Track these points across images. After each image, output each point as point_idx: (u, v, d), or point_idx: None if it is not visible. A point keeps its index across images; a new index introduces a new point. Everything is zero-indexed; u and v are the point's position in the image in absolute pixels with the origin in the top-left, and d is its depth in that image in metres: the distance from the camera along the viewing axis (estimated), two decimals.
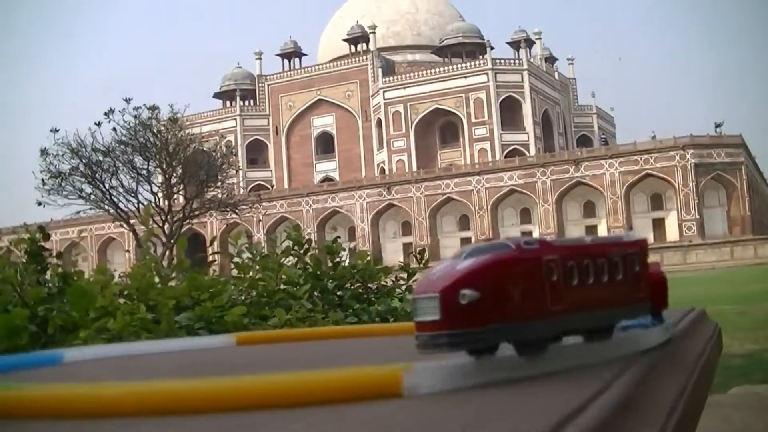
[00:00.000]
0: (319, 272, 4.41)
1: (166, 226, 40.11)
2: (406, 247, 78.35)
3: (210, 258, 5.31)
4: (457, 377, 0.74)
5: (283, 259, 4.54)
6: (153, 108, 40.92)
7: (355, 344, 1.43)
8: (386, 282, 4.71)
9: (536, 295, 0.81)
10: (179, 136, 42.20)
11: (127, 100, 39.57)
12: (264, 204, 78.37)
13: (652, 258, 0.98)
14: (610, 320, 0.91)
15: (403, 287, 4.71)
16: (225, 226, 68.58)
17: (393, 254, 72.45)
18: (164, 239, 37.27)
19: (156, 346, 1.46)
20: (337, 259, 4.62)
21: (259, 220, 79.33)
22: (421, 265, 4.88)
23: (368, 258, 4.63)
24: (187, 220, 42.89)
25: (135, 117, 39.99)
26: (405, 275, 4.76)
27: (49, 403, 0.73)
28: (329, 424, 0.65)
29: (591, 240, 0.92)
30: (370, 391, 0.70)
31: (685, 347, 1.10)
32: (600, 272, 0.88)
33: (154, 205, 41.10)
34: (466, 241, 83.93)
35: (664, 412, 0.75)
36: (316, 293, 4.28)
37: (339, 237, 4.93)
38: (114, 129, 39.87)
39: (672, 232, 77.14)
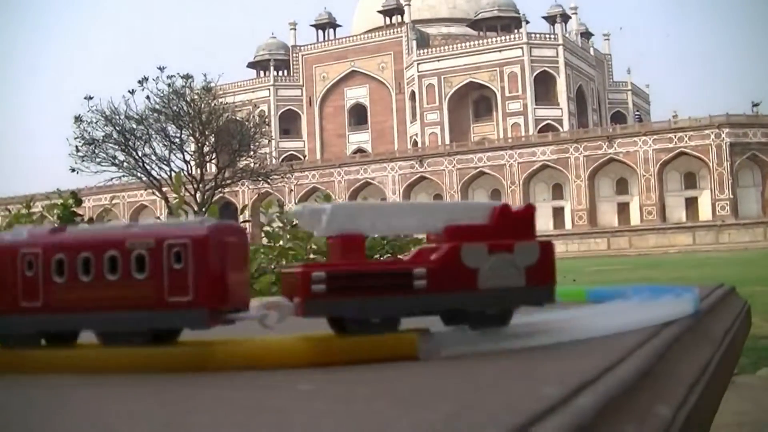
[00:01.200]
0: None
1: (198, 195, 40.22)
2: None
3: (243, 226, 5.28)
4: (474, 343, 0.75)
5: None
6: (187, 77, 40.92)
7: None
8: None
9: (7, 290, 0.76)
10: (212, 105, 42.22)
11: (161, 69, 39.66)
12: (296, 174, 78.40)
13: (685, 238, 0.96)
14: (115, 324, 0.78)
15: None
16: (257, 195, 68.76)
17: None
18: (196, 207, 37.38)
19: None
20: None
21: (291, 190, 79.40)
22: None
23: None
24: (219, 189, 42.95)
25: (169, 85, 40.05)
26: None
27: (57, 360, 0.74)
28: (341, 384, 0.66)
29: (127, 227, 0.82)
30: (387, 354, 0.72)
31: (712, 322, 1.09)
32: (108, 269, 0.78)
33: (186, 173, 41.22)
34: None
35: (685, 385, 0.75)
36: None
37: None
38: (147, 97, 39.97)
39: (705, 212, 76.48)
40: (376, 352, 0.72)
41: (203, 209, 35.95)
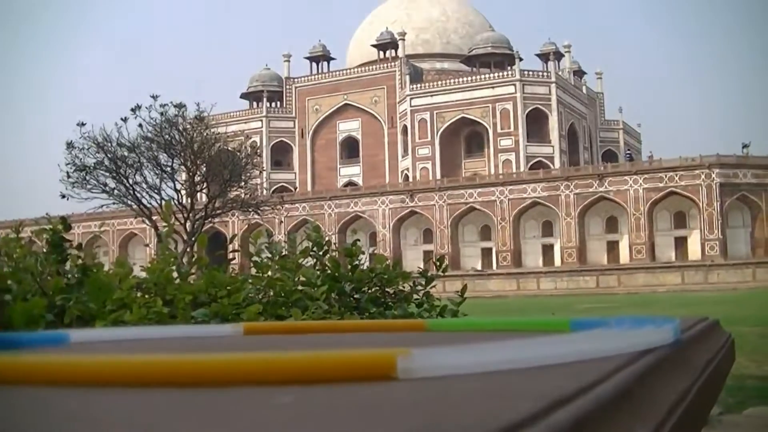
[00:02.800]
0: (337, 274, 4.42)
1: (188, 224, 40.26)
2: (427, 254, 78.07)
3: (230, 256, 5.31)
4: (453, 363, 0.76)
5: (302, 259, 4.55)
6: (179, 105, 41.07)
7: (364, 337, 1.43)
8: (404, 287, 4.71)
9: None
10: (205, 134, 42.32)
11: (154, 97, 39.78)
12: (286, 206, 78.44)
13: (674, 277, 1.01)
14: None
15: (421, 293, 4.71)
16: (246, 226, 68.76)
17: (413, 261, 72.26)
18: (185, 237, 37.40)
19: (163, 331, 1.47)
20: (356, 262, 4.62)
21: (281, 222, 79.46)
22: (440, 272, 4.88)
23: (387, 262, 4.63)
24: (209, 219, 42.99)
25: (161, 114, 40.16)
26: (423, 281, 4.76)
27: (47, 370, 0.76)
28: (320, 398, 0.67)
29: None
30: (366, 373, 0.72)
31: (694, 352, 1.10)
32: None
33: (176, 202, 41.24)
34: (486, 251, 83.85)
35: (664, 409, 0.75)
36: (333, 295, 4.29)
37: (359, 240, 4.93)
38: (140, 125, 40.08)
39: (694, 251, 76.68)
40: (354, 370, 0.73)
41: (192, 238, 35.98)
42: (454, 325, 1.50)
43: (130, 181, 40.67)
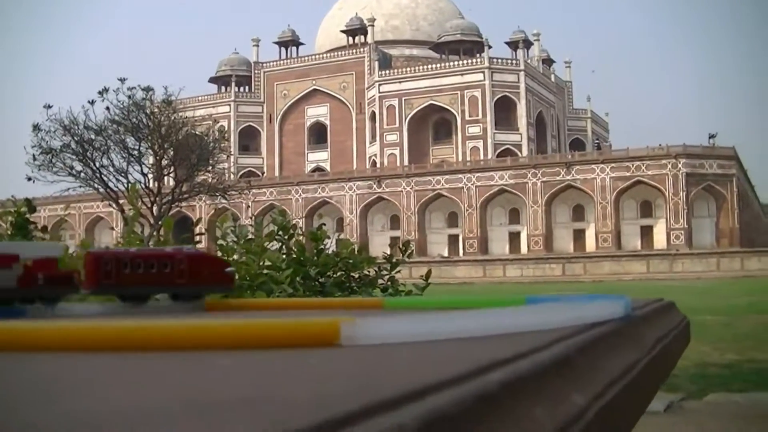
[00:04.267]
0: (302, 258, 4.42)
1: (155, 208, 40.01)
2: (394, 240, 77.98)
3: (196, 239, 5.29)
4: (395, 331, 0.77)
5: (268, 243, 4.54)
6: (147, 89, 40.79)
7: (321, 312, 1.44)
8: (369, 272, 4.72)
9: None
10: (172, 118, 42.05)
11: (122, 80, 39.46)
12: (254, 191, 78.39)
13: (639, 266, 1.04)
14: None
15: (386, 278, 4.72)
16: (213, 210, 68.43)
17: (380, 247, 72.07)
18: (152, 221, 37.20)
19: (125, 309, 1.47)
20: (322, 247, 4.62)
21: (248, 207, 79.28)
22: (405, 258, 4.89)
23: (352, 247, 4.64)
24: (176, 203, 42.79)
25: (129, 97, 39.85)
26: (388, 266, 4.76)
27: (11, 337, 0.78)
28: (259, 361, 0.68)
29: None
30: (310, 340, 0.74)
31: (644, 329, 1.11)
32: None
33: (143, 186, 41.01)
34: (453, 238, 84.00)
35: (603, 382, 0.75)
36: (298, 279, 4.29)
37: (324, 224, 4.93)
38: (107, 108, 39.75)
39: (660, 241, 77.17)
40: (298, 337, 0.74)
41: (159, 222, 35.79)
42: (412, 303, 1.52)
43: (97, 164, 40.34)
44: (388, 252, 5.06)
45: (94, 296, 1.48)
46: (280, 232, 4.63)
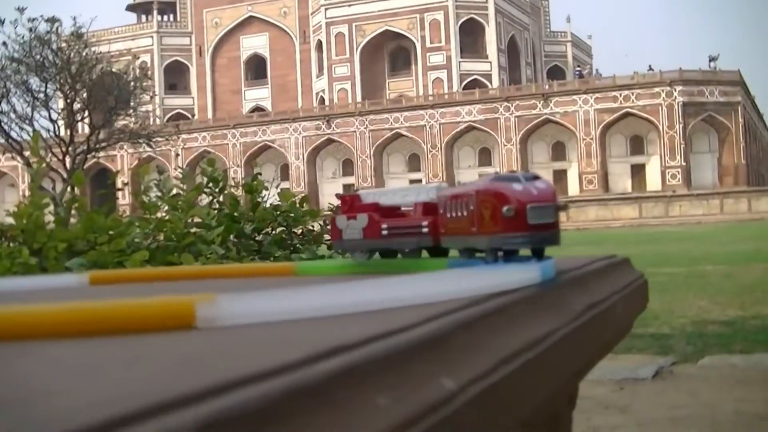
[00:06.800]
0: (235, 214, 4.42)
1: (68, 160, 39.71)
2: (348, 188, 77.80)
3: (118, 195, 5.27)
4: (259, 310, 0.78)
5: (196, 198, 4.53)
6: (52, 20, 40.19)
7: (216, 283, 1.47)
8: (313, 227, 4.74)
9: None
10: (84, 54, 41.54)
11: (21, 10, 38.84)
12: (183, 136, 77.86)
13: (630, 210, 1.09)
14: None
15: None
16: (138, 160, 68.08)
17: (331, 197, 71.61)
18: (65, 174, 36.92)
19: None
20: (259, 200, 4.61)
21: (178, 155, 78.82)
22: None
23: (294, 199, 4.64)
24: (93, 153, 42.48)
25: (30, 30, 39.31)
26: None
27: None
28: (95, 350, 0.68)
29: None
30: (162, 322, 0.74)
31: (568, 296, 1.12)
32: None
33: (53, 134, 40.62)
34: (415, 183, 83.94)
35: (488, 363, 0.75)
36: (231, 238, 4.30)
37: (260, 174, 4.93)
38: (4, 43, 39.23)
39: (653, 181, 77.51)
40: (148, 319, 0.74)
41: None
42: (326, 269, 1.55)
43: None
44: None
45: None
46: (210, 185, 4.63)
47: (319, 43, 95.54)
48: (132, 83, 44.13)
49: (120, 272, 1.63)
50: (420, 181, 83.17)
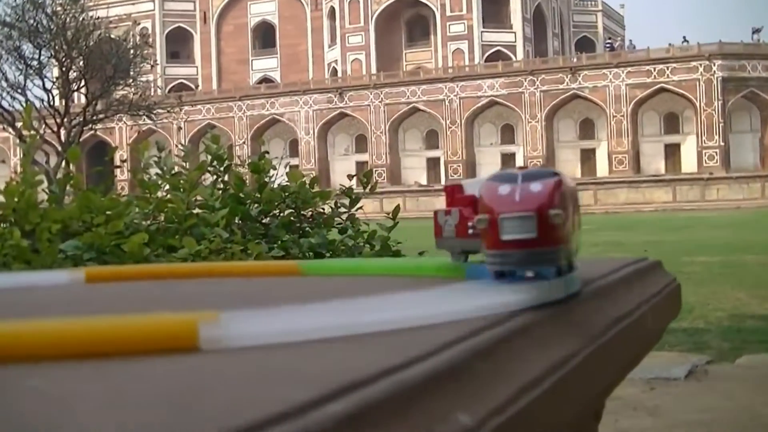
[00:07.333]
0: (241, 194, 4.41)
1: (63, 132, 39.73)
2: (361, 166, 77.76)
3: (116, 172, 5.26)
4: (266, 330, 0.77)
5: (200, 177, 4.51)
6: None
7: (215, 284, 1.46)
8: (324, 209, 4.72)
9: (571, 219, 1.02)
10: (81, 19, 41.51)
11: None
12: (186, 108, 77.74)
13: (663, 193, 1.06)
14: None
15: (344, 216, 4.70)
16: (137, 133, 67.99)
17: (343, 175, 72.05)
18: (60, 148, 36.99)
19: None
20: (266, 179, 4.60)
21: (180, 128, 78.90)
22: (367, 190, 4.88)
23: (303, 179, 4.62)
24: (90, 125, 42.47)
25: None
26: (347, 201, 4.75)
27: None
28: (79, 379, 0.65)
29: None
30: (162, 344, 0.72)
31: (592, 311, 1.09)
32: None
33: (47, 105, 40.65)
34: (433, 161, 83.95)
35: (512, 388, 0.74)
36: (236, 220, 4.29)
37: (268, 152, 4.91)
38: None
39: (689, 162, 77.09)
40: (147, 340, 0.73)
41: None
42: (332, 268, 1.54)
43: None
44: (356, 181, 5.04)
45: None
46: (214, 163, 4.62)
47: (332, 10, 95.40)
48: (132, 51, 44.06)
49: (117, 270, 1.62)
50: (438, 159, 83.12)
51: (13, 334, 0.72)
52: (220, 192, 4.47)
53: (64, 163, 28.96)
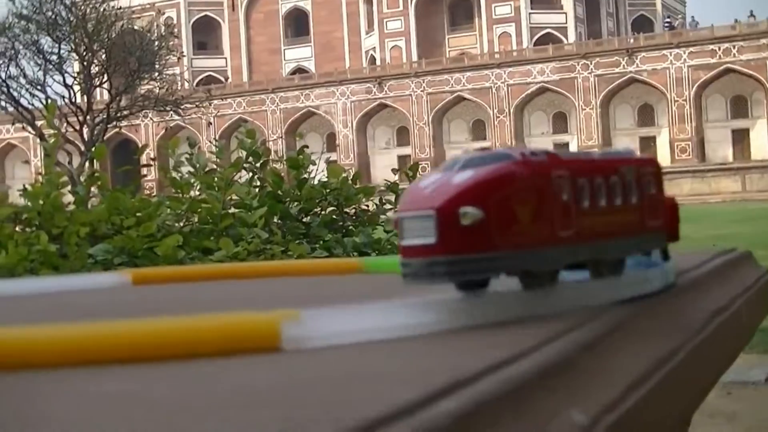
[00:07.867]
0: (279, 192, 4.42)
1: (85, 130, 39.92)
2: (403, 160, 77.71)
3: (144, 171, 5.28)
4: (351, 328, 0.76)
5: (235, 174, 4.53)
6: None
7: (296, 285, 1.46)
8: (368, 206, 4.72)
9: (545, 218, 0.86)
10: (101, 10, 41.69)
11: None
12: (216, 102, 77.88)
13: (732, 183, 1.04)
14: (623, 251, 0.97)
15: (390, 213, 4.70)
16: (164, 130, 68.27)
17: (385, 170, 71.78)
18: (83, 147, 37.18)
19: (32, 285, 1.47)
20: (305, 175, 4.61)
21: (210, 123, 79.10)
22: None
23: (344, 174, 4.63)
24: (114, 122, 42.66)
25: None
26: (393, 197, 4.75)
27: None
28: (157, 381, 0.66)
29: (599, 154, 1.01)
30: (241, 344, 0.73)
31: (690, 303, 1.09)
32: (613, 193, 0.94)
33: (68, 102, 40.85)
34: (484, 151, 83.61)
35: (617, 389, 0.73)
36: (275, 219, 4.30)
37: (306, 147, 4.93)
38: None
39: (760, 148, 76.45)
40: (227, 341, 0.73)
41: (92, 149, 35.77)
42: (394, 265, 1.54)
43: (3, 74, 40.19)
44: (398, 176, 5.04)
45: None
46: (250, 159, 4.63)
47: None
48: (156, 42, 44.26)
49: (164, 271, 1.63)
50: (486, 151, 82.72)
51: (110, 335, 0.73)
52: (257, 190, 4.48)
53: (88, 163, 29.12)
